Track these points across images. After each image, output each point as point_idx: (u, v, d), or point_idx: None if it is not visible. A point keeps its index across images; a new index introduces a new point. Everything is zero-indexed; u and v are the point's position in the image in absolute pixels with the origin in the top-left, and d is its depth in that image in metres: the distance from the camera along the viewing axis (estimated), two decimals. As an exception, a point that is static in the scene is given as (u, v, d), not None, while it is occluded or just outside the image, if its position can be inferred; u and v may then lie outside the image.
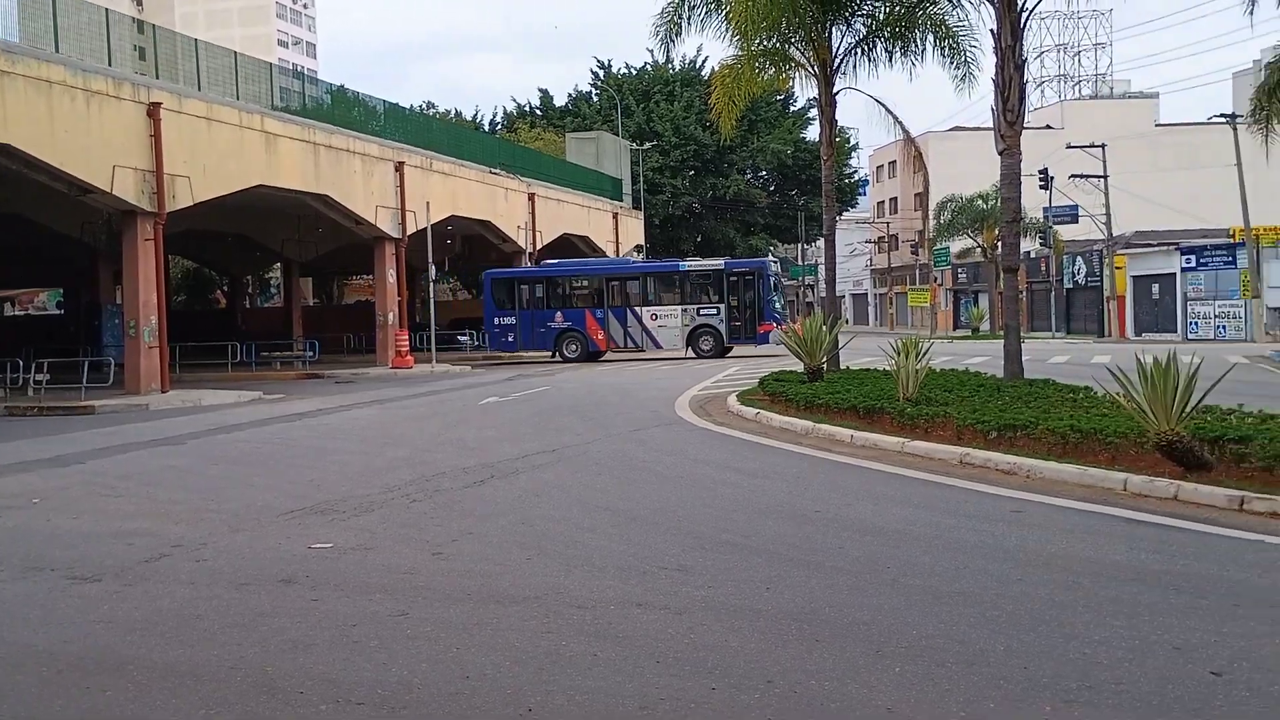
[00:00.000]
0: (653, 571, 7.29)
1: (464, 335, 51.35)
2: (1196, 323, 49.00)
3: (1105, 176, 53.12)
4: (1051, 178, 52.56)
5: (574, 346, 39.52)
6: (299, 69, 67.86)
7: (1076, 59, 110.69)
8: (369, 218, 35.70)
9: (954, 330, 69.68)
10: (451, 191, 40.86)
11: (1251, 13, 21.10)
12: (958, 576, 6.99)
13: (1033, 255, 61.53)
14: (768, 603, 6.47)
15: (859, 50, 22.07)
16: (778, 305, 38.92)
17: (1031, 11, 17.55)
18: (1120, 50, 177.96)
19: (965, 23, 20.87)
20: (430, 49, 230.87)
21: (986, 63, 20.05)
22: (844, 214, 77.03)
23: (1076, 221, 56.50)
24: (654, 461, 12.86)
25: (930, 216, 67.10)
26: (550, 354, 40.05)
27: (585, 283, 40.42)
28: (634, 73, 72.91)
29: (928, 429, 13.27)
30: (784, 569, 7.27)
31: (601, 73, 74.62)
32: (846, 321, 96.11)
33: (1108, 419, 11.53)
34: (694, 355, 37.83)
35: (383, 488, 11.21)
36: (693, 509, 9.57)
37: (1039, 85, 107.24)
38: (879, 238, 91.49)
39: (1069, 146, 54.86)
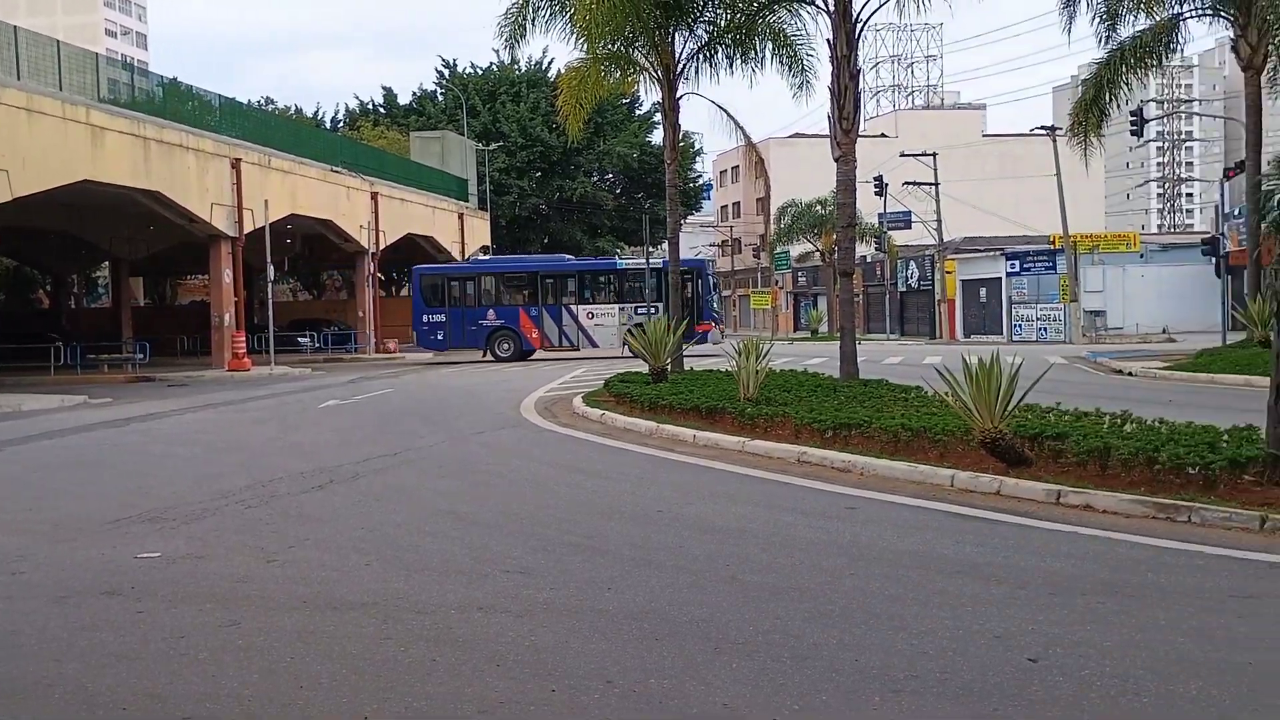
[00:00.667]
0: (495, 575, 7.26)
1: (304, 337, 50.11)
2: (1020, 325, 51.29)
3: (936, 184, 55.16)
4: (886, 184, 54.32)
5: (507, 345, 38.28)
6: (128, 60, 65.23)
7: (910, 70, 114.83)
8: (203, 215, 34.53)
9: (794, 332, 71.27)
10: (291, 190, 39.84)
11: (1069, 30, 22.25)
12: (794, 572, 7.16)
13: (868, 259, 63.43)
14: (609, 603, 6.51)
15: (701, 56, 22.41)
16: (715, 305, 38.76)
17: (865, 23, 18.09)
18: (950, 63, 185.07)
19: (803, 32, 21.41)
20: (270, 44, 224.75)
21: (823, 71, 20.58)
22: (689, 217, 78.06)
23: (910, 227, 58.55)
24: (497, 464, 12.80)
25: (771, 221, 68.59)
26: (482, 353, 38.62)
27: (519, 280, 39.47)
28: (480, 73, 72.31)
29: (767, 428, 13.56)
30: (626, 569, 7.33)
31: (447, 72, 73.77)
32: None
33: (937, 417, 11.97)
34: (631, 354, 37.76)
35: (215, 494, 10.86)
36: (536, 511, 9.56)
37: (874, 95, 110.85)
38: (723, 241, 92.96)
39: (902, 154, 56.86)
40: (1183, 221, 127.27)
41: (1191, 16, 25.54)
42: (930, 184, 55.22)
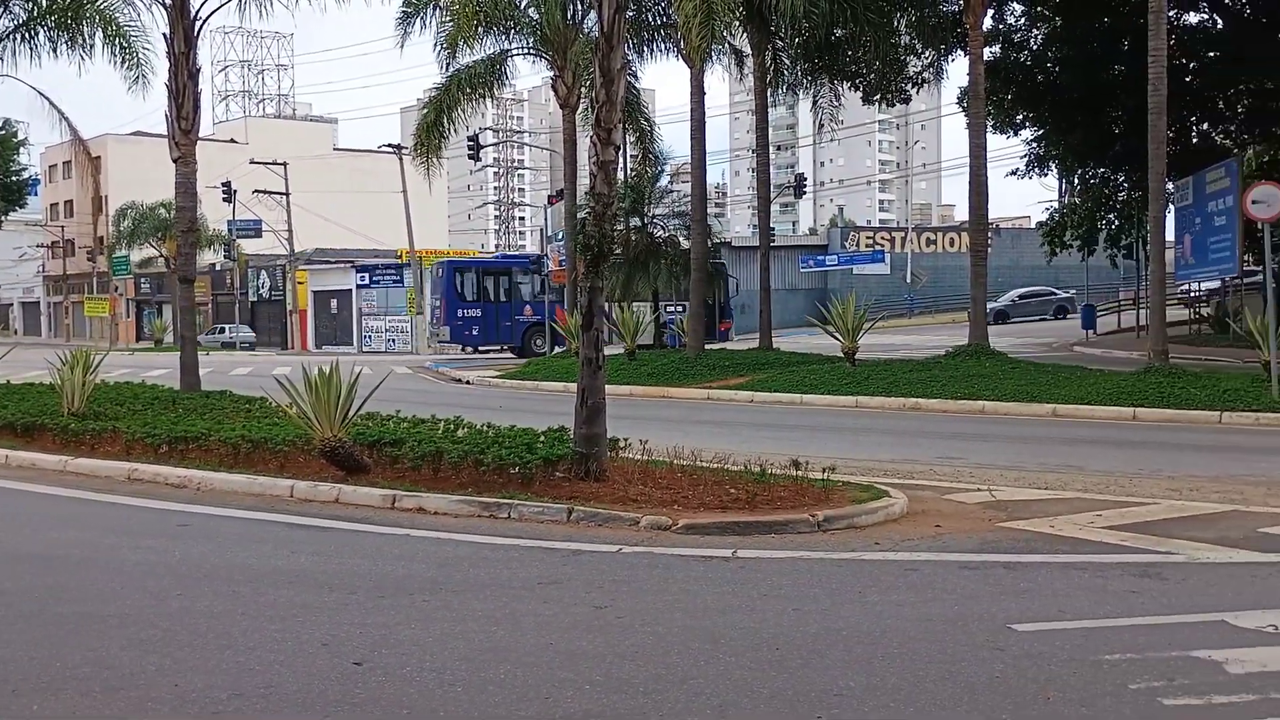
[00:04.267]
0: None
1: None
2: (370, 336, 52.47)
3: (287, 194, 54.67)
4: (235, 191, 52.80)
5: (541, 341, 36.53)
6: None
7: (261, 78, 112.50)
8: None
9: (137, 342, 66.74)
10: None
11: (402, 46, 23.35)
12: (113, 598, 6.66)
13: (218, 268, 61.22)
14: (-122, 654, 5.58)
15: (20, 36, 20.13)
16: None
17: (205, 21, 17.43)
18: (303, 74, 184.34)
19: (138, 23, 20.02)
20: None
21: (161, 67, 19.41)
22: (10, 214, 69.91)
23: (261, 236, 57.42)
24: None
25: (110, 223, 63.53)
26: (519, 348, 34.93)
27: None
28: None
29: (94, 445, 12.53)
30: (-96, 613, 6.34)
31: None
32: (15, 332, 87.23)
33: (279, 428, 11.82)
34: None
35: None
36: None
37: (224, 99, 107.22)
38: (53, 242, 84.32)
39: (253, 162, 55.57)
40: (517, 242, 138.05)
41: (518, 54, 27.79)
42: (281, 193, 54.58)
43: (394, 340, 51.25)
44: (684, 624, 6.05)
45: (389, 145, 53.39)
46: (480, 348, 39.46)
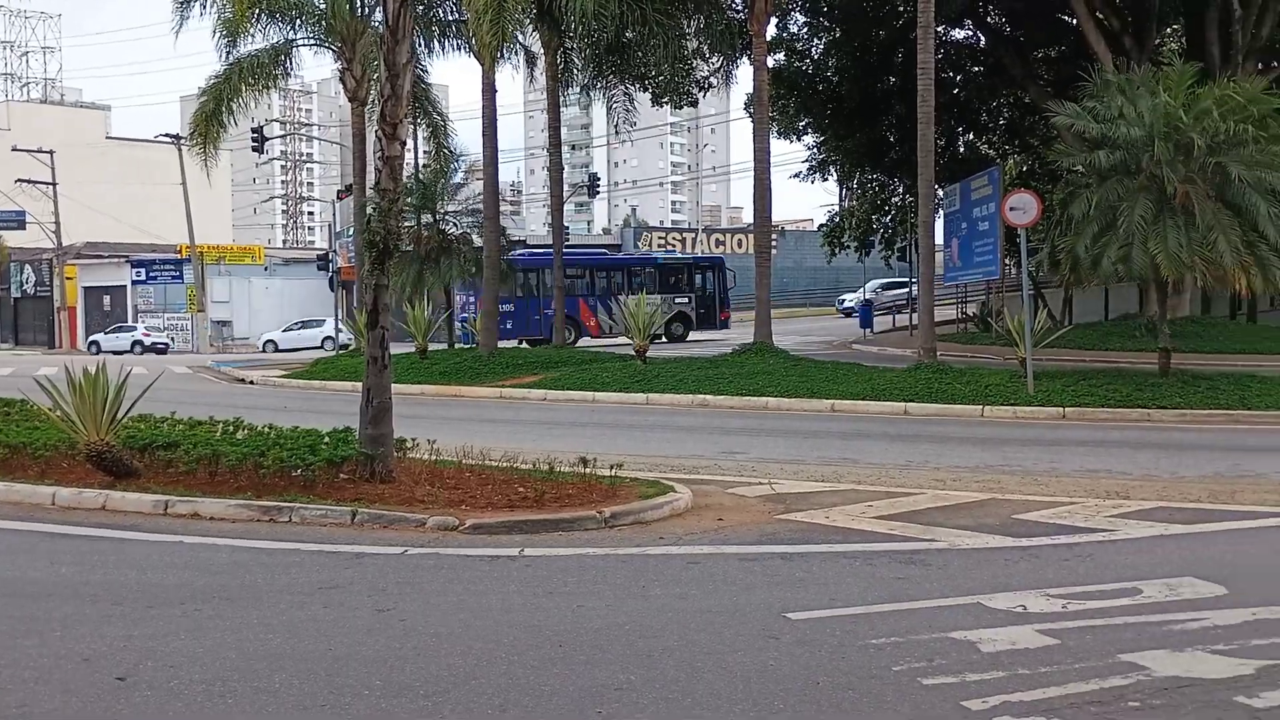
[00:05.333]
0: None
1: None
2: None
3: (55, 184, 51.50)
4: (-7, 179, 49.36)
5: (569, 332, 34.87)
6: None
7: (25, 60, 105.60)
8: None
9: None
10: None
11: (178, 32, 22.55)
12: None
13: (-25, 261, 57.09)
14: None
15: None
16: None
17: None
18: (73, 58, 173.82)
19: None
20: None
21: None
22: None
23: (24, 228, 53.86)
24: None
25: None
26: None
27: (578, 272, 39.38)
28: None
29: None
30: None
31: None
32: None
33: (40, 431, 11.14)
34: (667, 339, 36.63)
35: None
36: None
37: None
38: None
39: (15, 149, 52.12)
40: (305, 238, 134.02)
41: (305, 44, 27.01)
42: (48, 183, 51.34)
43: (174, 338, 48.98)
44: (468, 624, 6.03)
45: (167, 135, 50.99)
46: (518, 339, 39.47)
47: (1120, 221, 16.96)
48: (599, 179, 58.56)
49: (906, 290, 53.57)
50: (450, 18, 27.41)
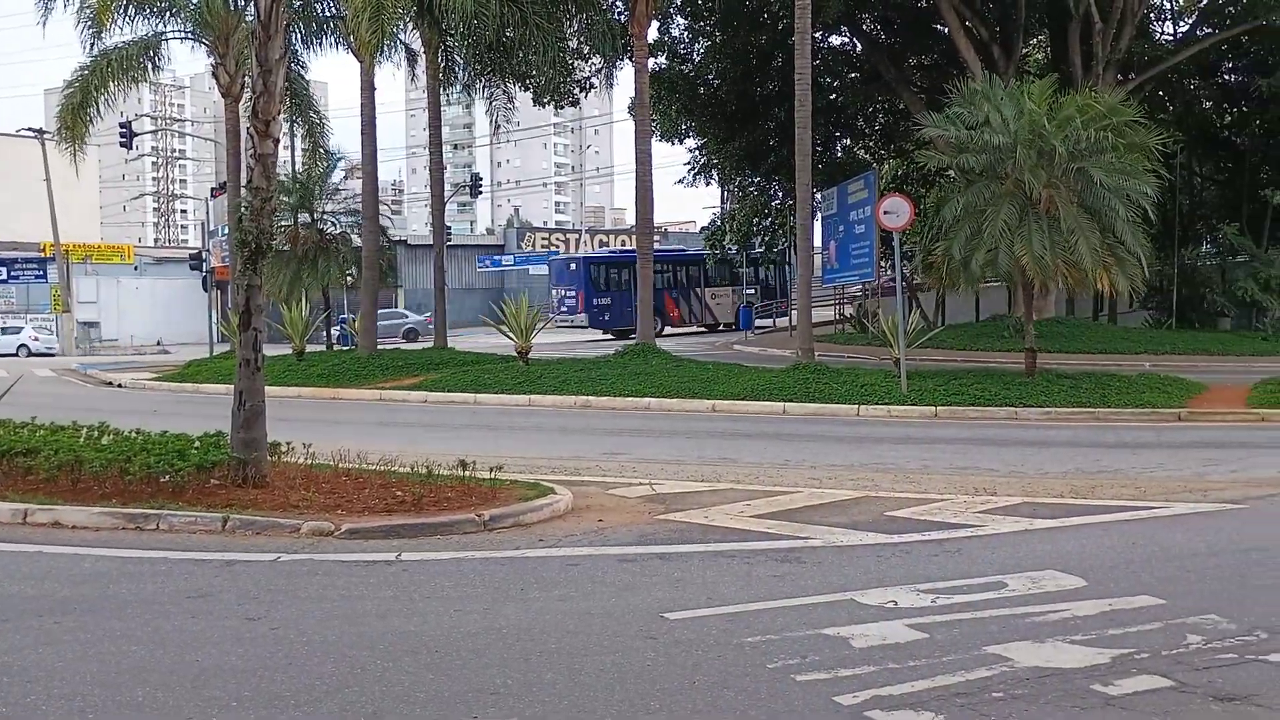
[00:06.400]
0: None
1: None
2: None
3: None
4: None
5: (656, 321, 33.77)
6: None
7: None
8: None
9: None
10: None
11: (44, 23, 21.75)
12: None
13: None
14: None
15: None
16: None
17: None
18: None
19: None
20: None
21: None
22: None
23: None
24: None
25: None
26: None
27: (662, 267, 41.09)
28: None
29: None
30: None
31: None
32: None
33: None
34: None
35: None
36: None
37: None
38: None
39: None
40: (178, 236, 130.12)
41: (177, 38, 26.20)
42: (-103, 177, 48.90)
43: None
44: (342, 631, 5.93)
45: (29, 129, 48.92)
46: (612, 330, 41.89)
47: (986, 225, 17.51)
48: (481, 179, 58.13)
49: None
50: (328, 14, 26.89)
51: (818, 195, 27.77)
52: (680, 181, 38.98)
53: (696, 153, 37.37)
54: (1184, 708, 4.75)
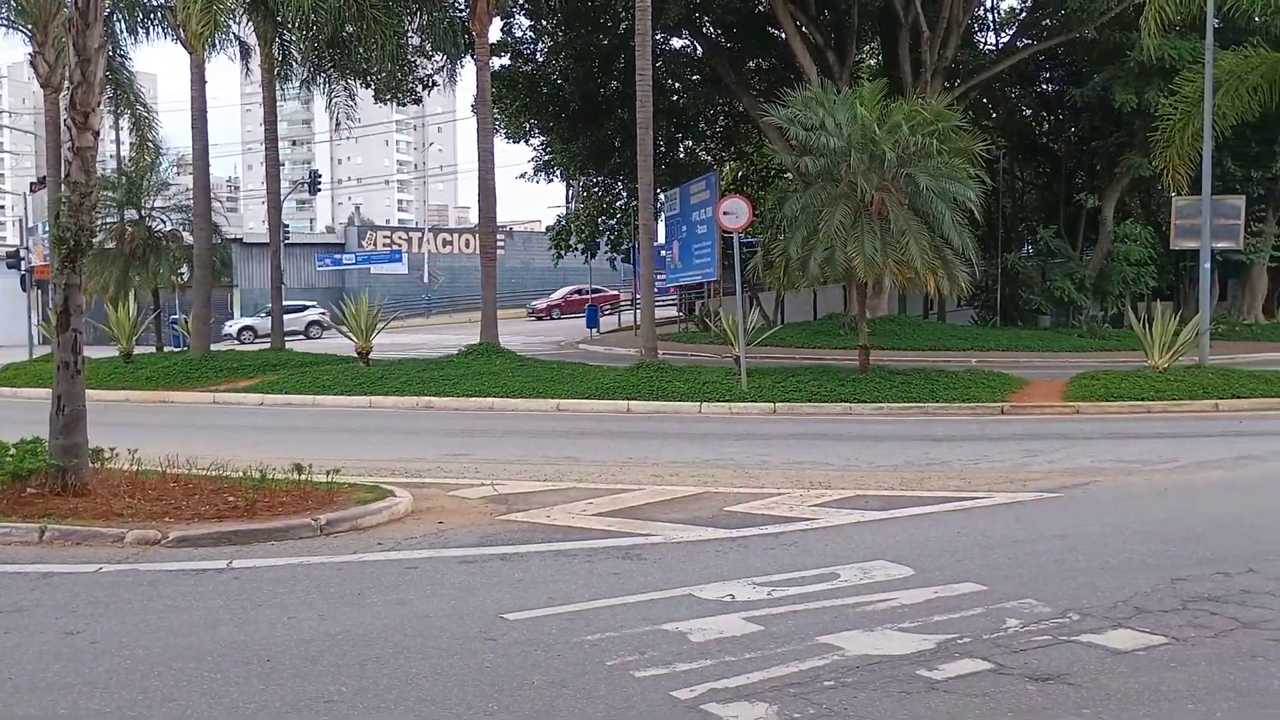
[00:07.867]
0: None
1: None
2: None
3: None
4: None
5: None
6: None
7: None
8: None
9: None
10: None
11: None
12: None
13: None
14: None
15: None
16: None
17: None
18: None
19: None
20: None
21: None
22: None
23: None
24: None
25: None
26: None
27: None
28: None
29: None
30: None
31: None
32: None
33: None
34: None
35: None
36: None
37: None
38: None
39: None
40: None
41: (-4, 24, 24.85)
42: None
43: None
44: (167, 643, 5.72)
45: None
46: None
47: (822, 226, 17.97)
48: (320, 176, 56.84)
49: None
50: (156, 2, 25.89)
51: (661, 196, 28.09)
52: (523, 176, 38.69)
53: (539, 151, 37.31)
54: (1002, 689, 4.97)
